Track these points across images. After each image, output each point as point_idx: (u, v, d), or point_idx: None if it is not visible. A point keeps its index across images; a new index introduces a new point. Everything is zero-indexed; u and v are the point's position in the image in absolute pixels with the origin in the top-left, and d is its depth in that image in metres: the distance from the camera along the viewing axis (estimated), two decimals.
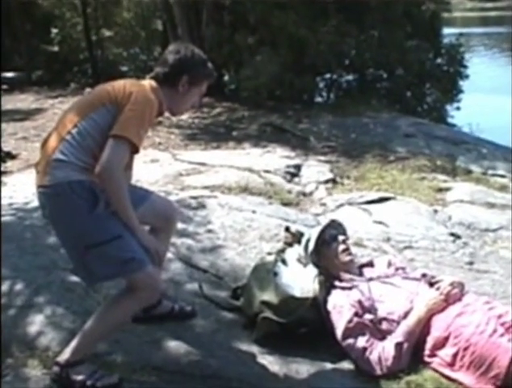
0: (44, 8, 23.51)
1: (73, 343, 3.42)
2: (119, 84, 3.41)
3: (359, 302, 3.66)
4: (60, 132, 3.30)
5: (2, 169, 8.67)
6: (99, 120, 3.26)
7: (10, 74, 19.21)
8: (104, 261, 3.30)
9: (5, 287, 4.43)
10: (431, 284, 3.78)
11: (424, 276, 3.90)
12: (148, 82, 3.52)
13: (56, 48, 20.58)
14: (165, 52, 3.65)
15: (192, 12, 15.27)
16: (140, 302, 3.47)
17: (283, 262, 4.18)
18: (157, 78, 3.54)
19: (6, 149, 9.55)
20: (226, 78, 16.68)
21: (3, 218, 5.88)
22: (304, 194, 7.34)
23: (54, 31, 20.79)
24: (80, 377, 3.35)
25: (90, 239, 3.27)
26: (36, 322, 4.01)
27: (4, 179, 8.09)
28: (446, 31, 17.81)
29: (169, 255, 4.91)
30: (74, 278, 4.15)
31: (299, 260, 4.14)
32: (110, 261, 3.30)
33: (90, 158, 3.23)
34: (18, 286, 4.46)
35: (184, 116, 12.41)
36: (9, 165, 9.00)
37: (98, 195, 3.22)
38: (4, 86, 17.86)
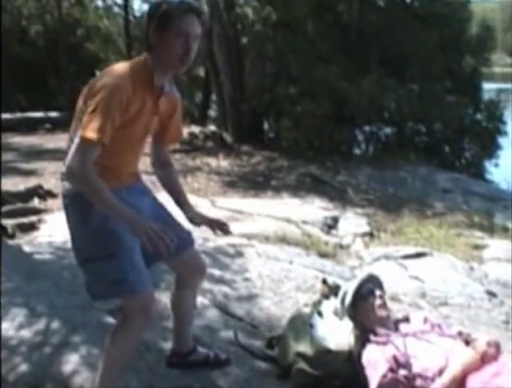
0: (90, 51, 24.03)
1: (96, 382, 3.44)
2: (97, 81, 3.17)
3: (394, 358, 3.64)
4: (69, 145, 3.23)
5: (43, 207, 8.81)
6: None
7: (53, 114, 19.51)
8: (97, 279, 3.27)
9: (41, 325, 4.50)
10: (467, 343, 3.75)
11: (460, 333, 3.87)
12: (137, 58, 3.33)
13: None
14: None
15: (235, 60, 15.49)
16: (135, 328, 3.36)
17: (320, 314, 4.18)
18: (145, 47, 3.32)
19: (46, 187, 9.71)
20: (266, 126, 16.80)
21: (42, 256, 5.99)
22: (341, 246, 7.35)
23: (98, 73, 21.17)
24: None
25: (86, 253, 3.25)
26: (71, 361, 4.04)
27: (44, 216, 8.23)
28: (486, 86, 17.84)
29: (205, 301, 4.99)
30: (110, 319, 4.21)
31: (335, 313, 4.14)
32: (101, 280, 3.26)
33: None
34: (55, 324, 4.51)
35: (224, 163, 12.56)
36: (49, 203, 9.12)
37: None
38: (47, 125, 18.16)
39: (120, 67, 3.22)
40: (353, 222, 8.34)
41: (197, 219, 3.77)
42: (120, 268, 3.20)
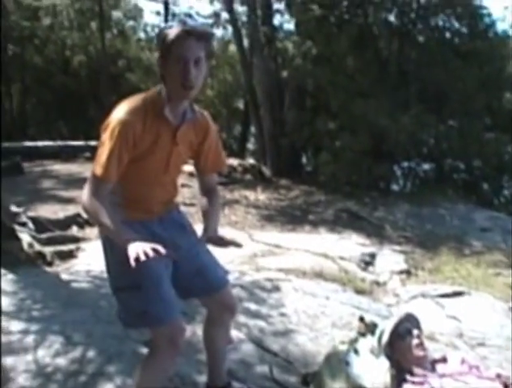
0: (131, 81, 24.34)
1: None
2: (104, 125, 3.19)
3: None
4: None
5: (81, 235, 8.89)
6: None
7: (93, 143, 19.73)
8: (126, 308, 3.30)
9: (77, 353, 4.53)
10: (506, 386, 3.73)
11: (498, 376, 3.83)
12: (151, 90, 3.30)
13: None
14: None
15: (275, 94, 15.60)
16: (162, 359, 3.33)
17: (356, 352, 4.16)
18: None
19: (85, 215, 9.78)
20: (304, 160, 16.85)
21: (80, 285, 6.05)
22: (378, 283, 7.32)
23: None
24: None
25: (116, 282, 3.30)
26: None
27: (82, 245, 8.30)
28: None
29: (241, 335, 4.99)
30: (145, 349, 4.19)
31: (371, 351, 4.12)
32: (130, 309, 3.28)
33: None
34: (91, 353, 4.54)
35: (262, 197, 12.60)
36: (88, 232, 9.19)
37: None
38: (87, 154, 18.39)
39: (133, 100, 3.21)
40: (390, 259, 8.31)
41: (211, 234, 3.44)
42: (146, 300, 3.21)
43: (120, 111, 3.12)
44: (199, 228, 3.60)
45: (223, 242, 3.37)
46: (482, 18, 16.82)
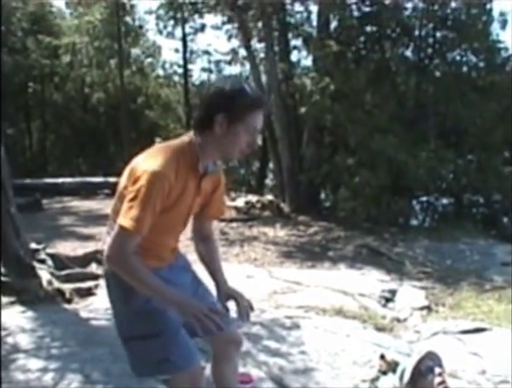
0: (150, 118, 24.55)
1: None
2: (139, 162, 3.09)
3: None
4: (110, 224, 3.24)
5: (100, 272, 8.90)
6: None
7: (112, 179, 19.88)
8: (140, 357, 3.23)
9: None
10: None
11: None
12: (182, 139, 3.21)
13: None
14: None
15: (293, 130, 15.68)
16: None
17: None
18: (194, 125, 3.19)
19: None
20: (323, 196, 16.86)
21: (98, 322, 6.06)
22: (399, 320, 7.27)
23: (158, 140, 21.61)
24: None
25: (127, 332, 3.23)
26: None
27: (102, 282, 8.29)
28: None
29: (261, 373, 4.97)
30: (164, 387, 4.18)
31: None
32: (146, 359, 3.21)
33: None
34: None
35: (280, 233, 12.60)
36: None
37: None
38: (106, 191, 18.51)
39: (164, 150, 3.12)
40: (410, 295, 8.25)
41: (226, 292, 3.50)
42: (165, 348, 3.16)
43: (154, 163, 3.00)
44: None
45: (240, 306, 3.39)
46: (499, 52, 16.88)
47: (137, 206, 2.95)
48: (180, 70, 27.88)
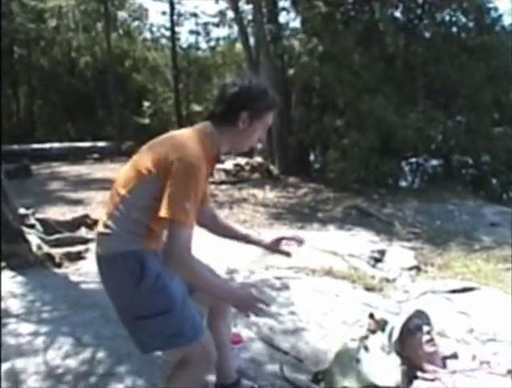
0: (138, 82, 24.40)
1: None
2: (161, 151, 3.18)
3: None
4: (110, 205, 3.29)
5: (90, 236, 8.90)
6: (144, 194, 3.16)
7: (101, 144, 19.84)
8: (151, 334, 3.26)
9: (87, 354, 4.56)
10: None
11: (510, 372, 3.83)
12: (200, 129, 3.31)
13: (147, 121, 21.31)
14: (222, 86, 3.44)
15: (281, 92, 15.57)
16: (195, 374, 3.42)
17: (366, 349, 4.15)
18: (214, 117, 3.32)
19: (94, 217, 9.82)
20: (312, 158, 16.83)
21: (89, 286, 6.05)
22: (388, 280, 7.29)
23: (146, 104, 21.60)
24: None
25: (138, 311, 3.25)
26: None
27: (91, 246, 8.29)
28: None
29: (251, 334, 4.98)
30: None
31: (382, 348, 4.10)
32: (156, 335, 3.25)
33: (141, 229, 3.20)
34: (101, 354, 4.57)
35: (270, 195, 12.60)
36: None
37: (146, 267, 3.16)
38: (95, 155, 18.46)
39: (189, 139, 3.21)
40: (400, 256, 8.28)
41: (271, 245, 3.88)
42: (176, 322, 3.22)
43: (189, 152, 3.10)
44: None
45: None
46: (488, 13, 16.79)
47: (186, 200, 3.02)
48: (167, 33, 27.60)
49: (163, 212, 3.00)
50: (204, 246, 3.95)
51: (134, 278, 3.17)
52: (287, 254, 3.79)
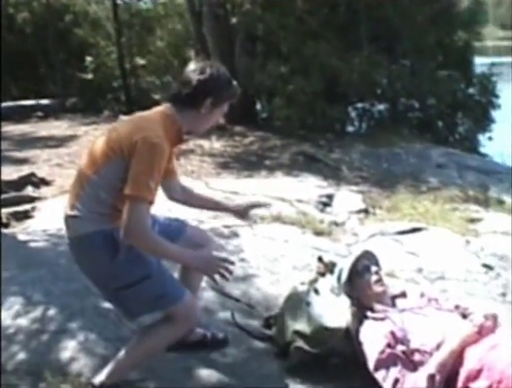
0: (79, 37, 23.89)
1: (109, 367, 3.49)
2: (126, 130, 3.29)
3: (392, 333, 3.63)
4: (76, 187, 3.36)
5: (36, 195, 8.79)
6: (110, 175, 3.25)
7: (45, 101, 19.47)
8: (136, 301, 3.38)
9: (38, 312, 4.51)
10: (464, 316, 3.75)
11: (457, 307, 3.86)
12: (162, 111, 3.43)
13: (90, 76, 20.92)
14: (188, 70, 3.45)
15: (225, 41, 15.41)
16: (176, 332, 3.50)
17: (316, 292, 4.16)
18: (177, 99, 3.43)
19: (40, 175, 9.69)
20: (258, 106, 16.74)
21: (37, 244, 5.97)
22: (336, 224, 7.33)
23: (89, 59, 21.18)
24: None
25: (118, 283, 3.32)
26: (69, 348, 4.06)
27: (38, 204, 8.20)
28: (478, 60, 17.74)
29: (201, 283, 4.96)
30: (107, 304, 4.15)
31: (331, 290, 4.13)
32: (141, 300, 3.38)
33: (108, 209, 3.29)
34: (51, 312, 4.52)
35: (216, 145, 12.53)
36: (43, 191, 9.11)
37: (117, 241, 3.23)
38: (39, 113, 18.12)
39: (153, 121, 3.35)
40: (348, 199, 8.33)
41: (241, 209, 4.18)
42: (158, 285, 3.36)
43: (152, 133, 3.22)
44: None
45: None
46: None
47: (147, 178, 3.14)
48: None
49: (128, 190, 3.12)
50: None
51: (108, 254, 3.25)
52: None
